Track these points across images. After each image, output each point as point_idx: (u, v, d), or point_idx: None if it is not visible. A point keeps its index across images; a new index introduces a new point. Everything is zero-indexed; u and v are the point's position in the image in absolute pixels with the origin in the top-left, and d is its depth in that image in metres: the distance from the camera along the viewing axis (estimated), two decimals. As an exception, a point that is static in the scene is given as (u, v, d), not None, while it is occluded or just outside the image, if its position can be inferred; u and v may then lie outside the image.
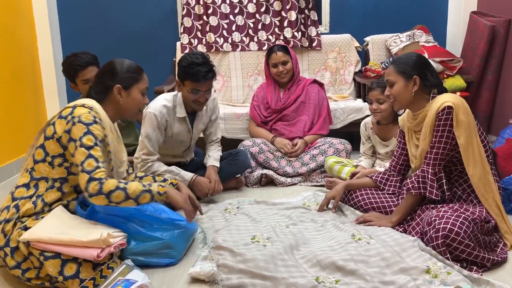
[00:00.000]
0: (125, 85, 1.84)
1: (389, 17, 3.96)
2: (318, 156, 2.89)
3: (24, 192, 1.71)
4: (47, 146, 1.71)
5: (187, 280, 1.70)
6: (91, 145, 1.65)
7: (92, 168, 1.62)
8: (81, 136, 1.65)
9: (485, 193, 1.85)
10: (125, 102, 1.85)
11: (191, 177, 2.47)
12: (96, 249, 1.54)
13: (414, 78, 1.93)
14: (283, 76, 3.06)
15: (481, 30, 3.33)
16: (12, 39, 3.28)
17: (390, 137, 2.60)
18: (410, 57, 1.99)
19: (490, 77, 3.35)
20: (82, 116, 1.68)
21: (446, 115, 1.82)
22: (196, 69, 2.33)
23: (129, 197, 1.64)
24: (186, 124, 2.54)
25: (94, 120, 1.70)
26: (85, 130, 1.66)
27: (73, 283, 1.54)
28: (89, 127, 1.67)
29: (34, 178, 1.72)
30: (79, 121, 1.67)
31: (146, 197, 1.68)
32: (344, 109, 3.35)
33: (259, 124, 3.14)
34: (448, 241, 1.66)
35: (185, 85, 2.40)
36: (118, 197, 1.62)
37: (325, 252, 1.78)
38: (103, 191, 1.60)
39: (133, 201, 1.65)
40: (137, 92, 1.88)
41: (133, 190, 1.65)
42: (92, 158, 1.63)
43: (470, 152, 1.83)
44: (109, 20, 3.95)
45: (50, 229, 1.59)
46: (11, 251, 1.63)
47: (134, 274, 1.55)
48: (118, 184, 1.63)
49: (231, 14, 3.80)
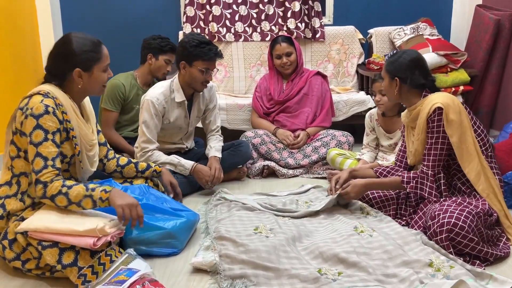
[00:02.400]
0: (85, 67, 1.71)
1: (393, 9, 3.92)
2: (320, 148, 2.88)
3: (8, 190, 1.68)
4: (16, 141, 1.67)
5: (189, 270, 1.70)
6: (39, 141, 1.59)
7: (38, 168, 1.58)
8: (30, 132, 1.59)
9: (485, 188, 1.86)
10: (87, 83, 1.73)
11: (191, 165, 2.47)
12: (93, 238, 1.53)
13: (395, 79, 1.98)
14: (286, 68, 3.04)
15: (486, 23, 3.31)
16: (13, 26, 3.25)
17: (394, 130, 2.60)
18: (400, 57, 2.00)
19: (494, 71, 3.33)
20: (34, 107, 1.60)
21: (437, 116, 1.85)
22: (207, 48, 2.37)
23: (71, 202, 1.58)
24: (184, 108, 2.54)
25: (45, 110, 1.60)
26: (34, 125, 1.59)
27: (72, 271, 1.53)
28: (38, 120, 1.59)
29: (15, 175, 1.69)
30: (31, 114, 1.60)
31: (88, 203, 1.59)
32: (347, 101, 3.33)
33: (261, 115, 3.12)
34: (452, 235, 1.66)
35: (194, 66, 2.40)
36: (61, 202, 1.58)
37: (328, 244, 1.78)
38: (47, 195, 1.57)
39: (76, 205, 1.58)
40: (99, 71, 1.74)
41: (75, 195, 1.57)
42: (39, 157, 1.58)
43: (464, 149, 1.85)
44: (111, 7, 3.91)
45: (47, 219, 1.58)
46: (9, 243, 1.62)
47: (136, 263, 1.55)
48: (60, 189, 1.57)
49: (234, 4, 3.76)
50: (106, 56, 1.77)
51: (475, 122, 1.92)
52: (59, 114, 1.65)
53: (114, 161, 2.01)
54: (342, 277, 1.60)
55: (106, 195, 1.59)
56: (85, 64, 1.71)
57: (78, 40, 1.71)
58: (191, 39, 2.39)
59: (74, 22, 3.87)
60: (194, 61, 2.39)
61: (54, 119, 1.62)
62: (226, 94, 3.72)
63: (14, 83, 3.22)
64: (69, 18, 3.88)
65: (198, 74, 2.41)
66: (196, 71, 2.40)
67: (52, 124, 1.62)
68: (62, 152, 1.68)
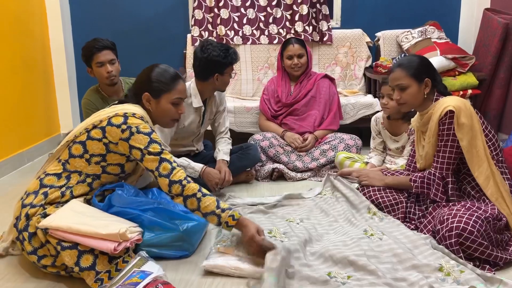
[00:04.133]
0: (154, 94, 1.84)
1: (401, 12, 3.93)
2: (329, 151, 2.89)
3: (55, 181, 1.74)
4: (89, 145, 1.75)
5: (201, 272, 1.71)
6: (159, 151, 1.71)
7: (168, 171, 1.70)
8: (145, 146, 1.71)
9: (494, 192, 1.86)
10: (155, 111, 1.86)
11: (201, 167, 2.49)
12: (113, 243, 1.55)
13: (426, 80, 1.96)
14: (296, 69, 3.05)
15: (494, 27, 3.31)
16: (23, 29, 3.29)
17: (400, 133, 2.60)
18: (415, 59, 2.00)
19: (503, 74, 3.33)
20: (140, 127, 1.73)
21: (449, 119, 1.86)
22: (232, 51, 2.47)
23: (199, 210, 1.69)
24: (200, 113, 2.57)
25: (151, 129, 1.76)
26: (148, 140, 1.71)
27: (89, 274, 1.55)
28: (151, 136, 1.73)
29: (67, 170, 1.76)
30: (138, 131, 1.72)
31: (214, 220, 1.70)
32: (354, 104, 3.34)
33: (269, 118, 3.13)
34: (461, 239, 1.66)
35: (226, 72, 2.49)
36: (192, 204, 1.70)
37: (338, 247, 1.79)
38: (184, 193, 1.69)
39: (201, 215, 1.70)
40: (166, 102, 1.85)
41: (205, 206, 1.69)
42: (165, 162, 1.71)
43: (474, 153, 1.85)
44: (120, 10, 3.94)
45: (69, 218, 1.60)
46: (29, 236, 1.64)
47: (149, 266, 1.56)
48: (196, 193, 1.69)
49: (242, 7, 3.78)
50: (177, 90, 1.87)
51: (486, 126, 1.92)
52: None
53: None
54: (351, 281, 1.61)
55: (233, 222, 1.70)
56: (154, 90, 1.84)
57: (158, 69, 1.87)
58: (219, 51, 2.44)
59: (83, 25, 3.91)
60: (226, 68, 2.48)
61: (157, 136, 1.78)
62: (234, 96, 3.74)
63: (24, 85, 3.26)
64: (78, 21, 3.92)
65: (228, 78, 2.54)
66: (227, 76, 2.52)
67: (159, 139, 1.76)
68: (124, 167, 1.82)
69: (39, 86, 3.49)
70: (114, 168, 1.80)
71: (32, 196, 1.72)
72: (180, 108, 1.90)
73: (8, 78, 3.06)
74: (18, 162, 3.11)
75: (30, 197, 1.72)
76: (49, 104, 3.63)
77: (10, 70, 3.08)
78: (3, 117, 2.98)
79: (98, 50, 2.55)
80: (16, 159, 3.09)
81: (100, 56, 2.54)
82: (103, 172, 1.78)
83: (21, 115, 3.17)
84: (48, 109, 3.59)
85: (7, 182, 2.86)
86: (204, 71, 2.48)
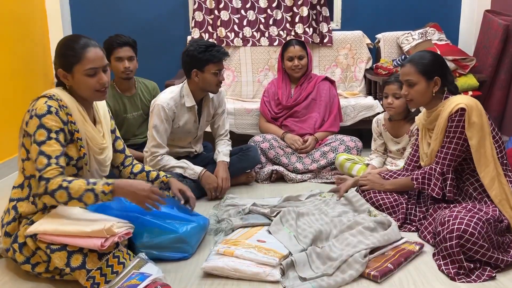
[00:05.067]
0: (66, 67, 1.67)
1: (401, 14, 3.93)
2: (329, 153, 2.88)
3: (20, 193, 1.70)
4: (25, 144, 1.68)
5: (200, 274, 1.71)
6: (42, 140, 1.58)
7: (42, 166, 1.56)
8: (34, 131, 1.59)
9: (498, 194, 1.85)
10: (73, 84, 1.69)
11: (201, 170, 2.48)
12: (100, 239, 1.52)
13: (435, 79, 1.93)
14: (297, 71, 3.05)
15: (495, 29, 3.31)
16: (24, 31, 3.29)
17: (401, 134, 2.60)
18: (427, 56, 1.98)
19: (503, 76, 3.32)
20: (38, 108, 1.61)
21: (459, 116, 1.84)
22: (215, 50, 2.42)
23: (72, 197, 1.55)
24: (194, 113, 2.56)
25: (48, 110, 1.60)
26: (38, 124, 1.59)
27: (80, 273, 1.54)
28: (41, 120, 1.59)
29: (26, 177, 1.70)
30: (35, 114, 1.61)
31: (90, 197, 1.55)
32: (355, 106, 3.34)
33: (269, 120, 3.13)
34: (462, 241, 1.65)
35: (207, 70, 2.44)
36: (61, 197, 1.55)
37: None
38: (48, 190, 1.55)
39: (77, 201, 1.55)
40: (79, 74, 1.66)
41: (76, 190, 1.55)
42: (42, 155, 1.57)
43: (482, 153, 1.84)
44: (120, 12, 3.95)
45: (56, 221, 1.59)
46: (19, 247, 1.63)
47: (148, 268, 1.56)
48: (61, 183, 1.54)
49: (242, 9, 3.78)
50: (88, 59, 1.65)
51: (493, 128, 1.91)
52: (63, 115, 1.65)
53: (129, 168, 2.01)
54: None
55: (109, 187, 1.56)
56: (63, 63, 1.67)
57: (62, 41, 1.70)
58: (197, 46, 2.42)
59: (84, 27, 3.91)
60: (205, 66, 2.43)
61: (57, 119, 1.62)
62: (234, 98, 3.73)
63: (25, 87, 3.26)
64: (79, 23, 3.93)
65: (212, 77, 2.45)
66: (209, 75, 2.45)
67: (55, 123, 1.61)
68: (67, 154, 1.68)
69: (40, 88, 3.49)
70: None
71: (6, 214, 1.70)
72: (101, 77, 1.69)
73: (9, 80, 3.06)
74: (16, 165, 3.11)
75: (5, 216, 1.70)
76: (50, 106, 3.63)
77: (11, 72, 3.09)
78: (4, 119, 2.98)
79: (119, 45, 2.65)
80: (15, 162, 3.09)
81: (120, 52, 2.65)
82: None
83: (21, 117, 3.17)
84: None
85: (8, 183, 2.86)
86: (184, 67, 2.49)
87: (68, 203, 1.56)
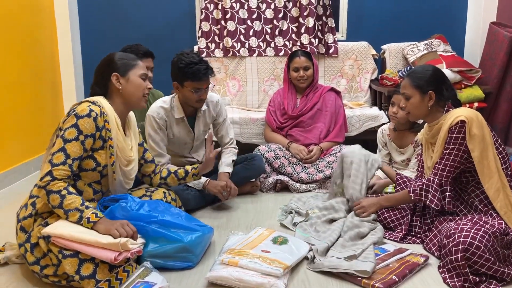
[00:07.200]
0: (122, 72, 1.83)
1: (407, 25, 3.95)
2: (334, 163, 2.88)
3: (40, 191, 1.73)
4: (57, 143, 1.71)
5: (204, 284, 1.71)
6: (70, 139, 1.66)
7: (57, 161, 1.64)
8: (67, 128, 1.68)
9: (503, 206, 1.84)
10: (125, 88, 1.84)
11: (205, 180, 2.48)
12: (114, 252, 1.55)
13: (429, 93, 1.96)
14: (302, 81, 3.07)
15: (501, 41, 3.31)
16: (33, 39, 3.34)
17: (406, 145, 2.60)
18: (426, 70, 2.00)
19: (509, 88, 3.32)
20: (79, 110, 1.70)
21: (459, 128, 1.85)
22: (195, 68, 2.33)
23: (61, 206, 1.61)
24: (185, 124, 2.55)
25: (88, 113, 1.69)
26: (74, 123, 1.68)
27: (89, 283, 1.55)
28: (78, 120, 1.68)
29: None
30: (75, 114, 1.70)
31: (75, 216, 1.62)
32: (360, 116, 3.34)
33: (275, 129, 3.14)
34: (468, 254, 1.64)
35: (185, 86, 2.39)
36: (54, 200, 1.62)
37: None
38: (47, 187, 1.62)
39: (63, 212, 1.62)
40: (135, 76, 1.85)
41: (69, 203, 1.62)
42: (62, 152, 1.65)
43: (485, 165, 1.84)
44: (128, 22, 3.99)
45: (71, 226, 1.61)
46: (31, 247, 1.65)
47: (153, 277, 1.56)
48: (61, 189, 1.62)
49: (248, 20, 3.82)
50: (141, 66, 1.88)
51: (497, 140, 1.92)
52: (100, 121, 1.73)
53: (158, 175, 2.14)
54: None
55: (95, 218, 1.63)
56: (121, 68, 1.83)
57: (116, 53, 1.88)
58: (179, 59, 2.36)
59: (92, 36, 3.96)
60: (184, 82, 2.38)
61: (92, 124, 1.71)
62: (239, 108, 3.75)
63: (33, 96, 3.29)
64: (87, 33, 3.97)
65: (190, 94, 2.39)
66: (187, 91, 2.39)
67: (89, 128, 1.70)
68: (96, 159, 1.76)
69: (47, 97, 3.53)
70: (87, 162, 1.76)
71: (23, 209, 1.74)
72: (148, 83, 1.89)
73: (17, 88, 3.09)
74: (25, 171, 3.13)
75: (22, 211, 1.74)
76: (57, 115, 3.66)
77: (19, 80, 3.12)
78: (12, 127, 3.01)
79: (143, 55, 2.68)
80: (24, 167, 3.12)
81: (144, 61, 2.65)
82: (80, 170, 1.75)
83: (29, 125, 3.20)
84: (55, 119, 3.62)
85: (15, 190, 2.89)
86: (171, 77, 2.45)
87: (55, 209, 1.62)
